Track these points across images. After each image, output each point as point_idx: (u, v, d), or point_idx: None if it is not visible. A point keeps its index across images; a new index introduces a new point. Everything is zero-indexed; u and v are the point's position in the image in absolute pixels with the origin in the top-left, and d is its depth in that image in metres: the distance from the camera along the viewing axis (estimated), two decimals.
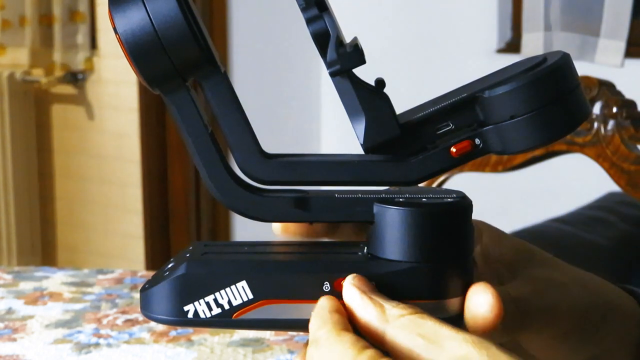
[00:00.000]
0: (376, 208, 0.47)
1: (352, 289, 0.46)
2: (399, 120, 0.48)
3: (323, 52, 0.47)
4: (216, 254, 0.49)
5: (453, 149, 0.48)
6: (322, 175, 0.48)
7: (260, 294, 0.47)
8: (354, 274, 0.46)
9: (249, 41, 3.18)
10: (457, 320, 0.47)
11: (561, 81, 0.47)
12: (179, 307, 0.48)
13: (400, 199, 0.47)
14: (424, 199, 0.47)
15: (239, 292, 0.47)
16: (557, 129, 0.46)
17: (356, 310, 0.46)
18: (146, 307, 0.48)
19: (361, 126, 0.48)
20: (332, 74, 0.47)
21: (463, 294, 0.47)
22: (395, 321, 0.45)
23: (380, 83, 0.48)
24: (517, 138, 0.46)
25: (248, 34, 3.18)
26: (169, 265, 0.48)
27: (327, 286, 0.47)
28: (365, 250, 0.48)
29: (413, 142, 0.48)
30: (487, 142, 0.47)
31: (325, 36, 0.47)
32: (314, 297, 0.47)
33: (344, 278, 0.46)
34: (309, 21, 0.47)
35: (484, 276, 0.52)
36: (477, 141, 0.48)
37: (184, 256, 0.48)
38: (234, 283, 0.47)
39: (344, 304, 0.46)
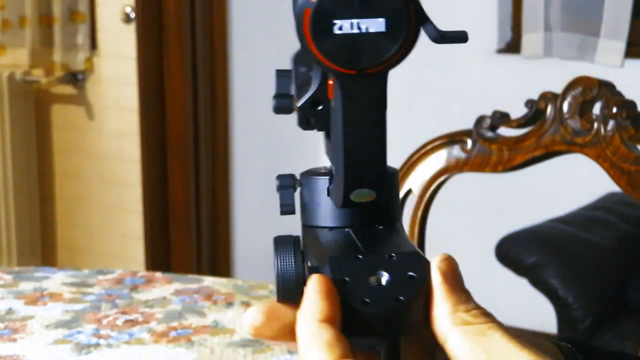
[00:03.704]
0: None
1: (435, 272, 0.44)
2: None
3: None
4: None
5: None
6: None
7: None
8: (447, 255, 0.45)
9: (249, 41, 3.18)
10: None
11: None
12: None
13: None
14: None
15: None
16: None
17: (434, 296, 0.44)
18: None
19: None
20: None
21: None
22: (463, 326, 0.43)
23: None
24: None
25: (248, 34, 3.18)
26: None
27: None
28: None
29: None
30: None
31: None
32: None
33: None
34: None
35: None
36: None
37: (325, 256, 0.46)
38: None
39: None
